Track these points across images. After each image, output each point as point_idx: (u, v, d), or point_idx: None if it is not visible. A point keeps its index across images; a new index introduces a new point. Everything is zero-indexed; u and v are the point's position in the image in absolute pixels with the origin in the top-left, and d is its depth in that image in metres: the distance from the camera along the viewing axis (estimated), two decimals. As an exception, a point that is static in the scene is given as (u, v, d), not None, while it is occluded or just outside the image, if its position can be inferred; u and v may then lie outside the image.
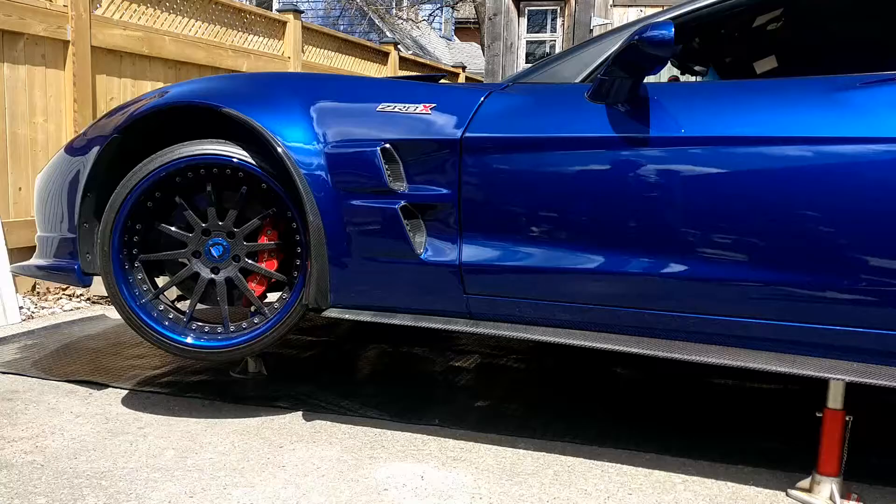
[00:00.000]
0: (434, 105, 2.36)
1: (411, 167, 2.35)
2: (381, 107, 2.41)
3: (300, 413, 2.66)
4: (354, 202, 2.37)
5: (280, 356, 3.35)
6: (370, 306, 2.44)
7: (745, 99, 2.19)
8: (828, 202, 2.01)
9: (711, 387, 3.14)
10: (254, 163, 2.47)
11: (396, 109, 2.39)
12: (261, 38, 6.60)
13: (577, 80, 2.38)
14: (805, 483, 2.17)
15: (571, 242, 2.23)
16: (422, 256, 2.33)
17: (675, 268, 2.14)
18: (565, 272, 2.24)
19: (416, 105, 2.37)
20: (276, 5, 17.34)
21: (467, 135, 2.29)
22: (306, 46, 7.44)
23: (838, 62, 2.95)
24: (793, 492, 2.16)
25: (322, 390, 2.90)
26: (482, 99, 2.36)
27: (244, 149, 2.49)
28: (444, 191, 2.32)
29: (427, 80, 2.82)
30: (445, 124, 2.32)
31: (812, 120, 2.05)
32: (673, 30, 1.98)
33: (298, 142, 2.40)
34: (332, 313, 2.44)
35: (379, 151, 2.33)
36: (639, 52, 2.03)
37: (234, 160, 2.48)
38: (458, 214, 2.31)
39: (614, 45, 2.28)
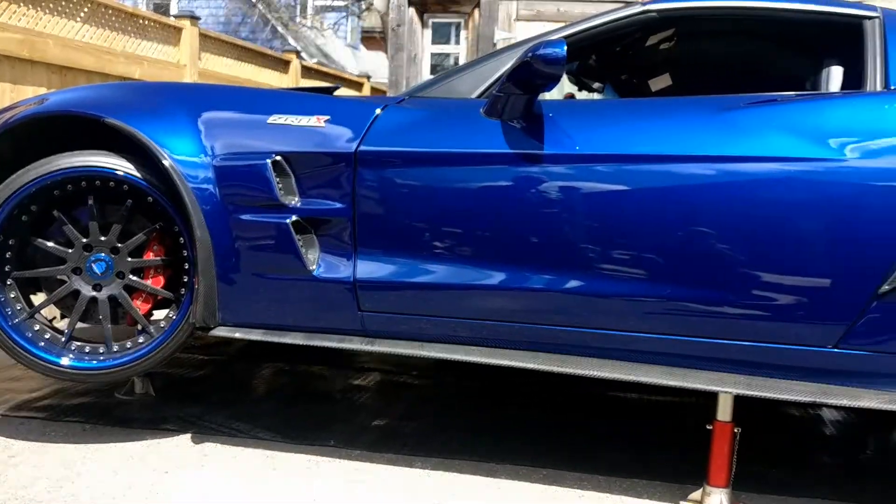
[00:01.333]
0: (328, 118, 2.31)
1: (304, 181, 2.29)
2: (272, 118, 2.34)
3: (189, 436, 2.55)
4: (244, 217, 2.29)
5: (169, 376, 3.21)
6: (261, 324, 2.36)
7: (638, 117, 2.23)
8: (713, 219, 2.06)
9: (612, 401, 3.18)
10: (139, 175, 2.36)
11: (288, 121, 2.32)
12: (155, 45, 6.38)
13: (474, 96, 2.37)
14: (696, 495, 2.21)
15: (469, 258, 2.21)
16: (314, 273, 2.27)
17: (571, 283, 2.16)
18: (463, 288, 2.22)
19: (310, 117, 2.31)
20: (173, 10, 16.87)
21: (362, 148, 2.25)
22: (204, 54, 7.24)
23: (728, 81, 3.05)
24: (684, 504, 2.20)
25: (213, 411, 2.79)
26: (378, 112, 2.33)
27: (129, 161, 2.37)
28: (339, 205, 2.27)
29: (322, 91, 2.76)
30: (339, 137, 2.28)
31: (700, 139, 2.10)
32: (565, 48, 2.00)
33: (186, 154, 2.30)
34: (221, 332, 2.35)
35: (270, 164, 2.26)
36: (532, 70, 2.04)
37: (119, 173, 2.36)
38: (352, 229, 2.26)
39: (510, 62, 2.28)
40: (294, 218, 2.26)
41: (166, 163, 2.28)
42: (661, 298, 2.13)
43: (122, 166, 2.36)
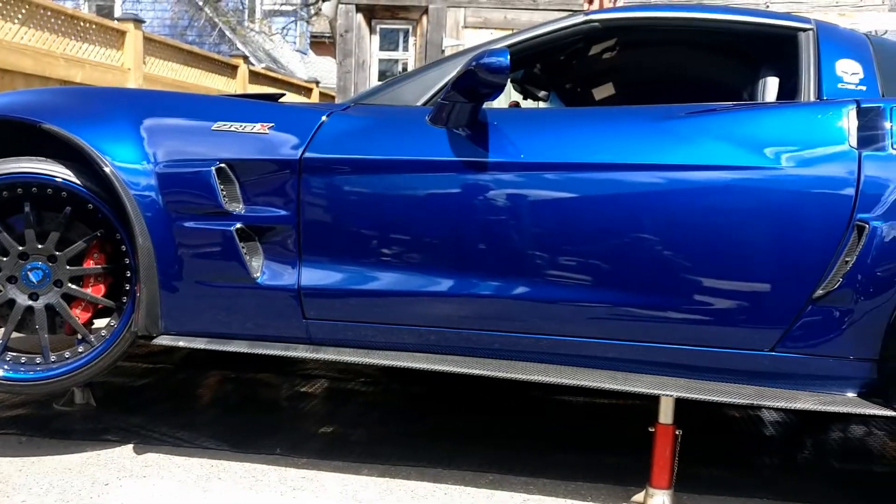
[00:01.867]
0: (272, 125, 2.30)
1: (248, 188, 2.28)
2: (216, 125, 2.32)
3: (131, 446, 2.51)
4: (187, 224, 2.26)
5: (111, 385, 3.15)
6: (205, 332, 2.33)
7: (581, 126, 2.27)
8: (654, 226, 2.11)
9: (560, 405, 3.21)
10: (79, 182, 2.32)
11: (233, 128, 2.31)
12: (97, 48, 6.27)
13: (419, 103, 2.38)
14: (639, 497, 2.24)
15: (415, 265, 2.22)
16: (259, 280, 2.26)
17: (516, 290, 2.18)
18: (410, 295, 2.23)
19: (254, 124, 2.30)
20: (117, 13, 16.57)
21: (307, 155, 2.24)
22: (148, 58, 7.13)
23: (670, 91, 3.11)
24: (627, 506, 2.24)
25: (156, 421, 2.74)
26: (323, 119, 2.32)
27: (68, 167, 2.33)
28: (283, 212, 2.26)
29: (267, 98, 2.75)
30: (284, 144, 2.27)
31: (640, 147, 2.15)
32: (508, 57, 2.02)
33: (128, 161, 2.27)
34: (164, 340, 2.32)
35: (213, 171, 2.24)
36: (476, 78, 2.06)
37: (57, 179, 2.32)
38: (297, 237, 2.25)
39: (455, 70, 2.29)
40: (238, 225, 2.25)
41: (107, 169, 2.24)
42: (606, 304, 2.17)
43: (60, 173, 2.32)
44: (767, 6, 8.38)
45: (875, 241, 2.00)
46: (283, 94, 2.94)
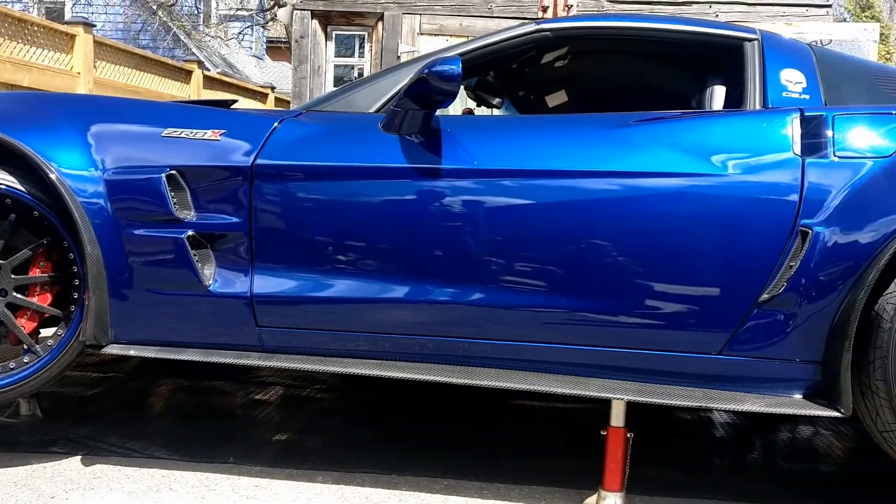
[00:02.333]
0: (224, 131, 2.29)
1: (200, 195, 2.26)
2: (167, 132, 2.30)
3: (78, 458, 2.46)
4: (137, 231, 2.24)
5: (60, 395, 3.09)
6: (156, 341, 2.31)
7: (532, 133, 2.29)
8: (603, 232, 2.14)
9: (515, 409, 3.23)
10: (23, 189, 2.28)
11: (183, 135, 2.29)
12: (46, 52, 6.15)
13: (372, 110, 2.38)
14: (592, 500, 2.26)
15: (368, 272, 2.22)
16: (210, 288, 2.24)
17: (470, 296, 2.19)
18: (363, 302, 2.23)
19: (205, 131, 2.28)
20: (68, 16, 16.27)
21: (258, 162, 2.23)
22: (99, 62, 7.02)
23: (621, 99, 3.15)
24: (580, 509, 2.26)
25: (106, 431, 2.70)
26: (275, 125, 2.31)
27: (12, 174, 2.29)
28: (235, 219, 2.24)
29: (219, 104, 2.73)
30: (235, 151, 2.26)
31: (591, 154, 2.18)
32: (460, 65, 2.04)
33: (74, 168, 2.24)
34: (114, 349, 2.28)
35: (164, 178, 2.22)
36: (428, 86, 2.07)
37: (1, 186, 2.27)
38: (249, 244, 2.24)
39: (407, 77, 2.30)
40: (190, 233, 2.23)
41: (53, 176, 2.21)
42: (559, 309, 2.19)
43: (4, 180, 2.28)
44: (717, 15, 8.54)
45: (818, 246, 2.06)
46: (235, 101, 2.92)
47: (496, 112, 3.44)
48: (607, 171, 2.15)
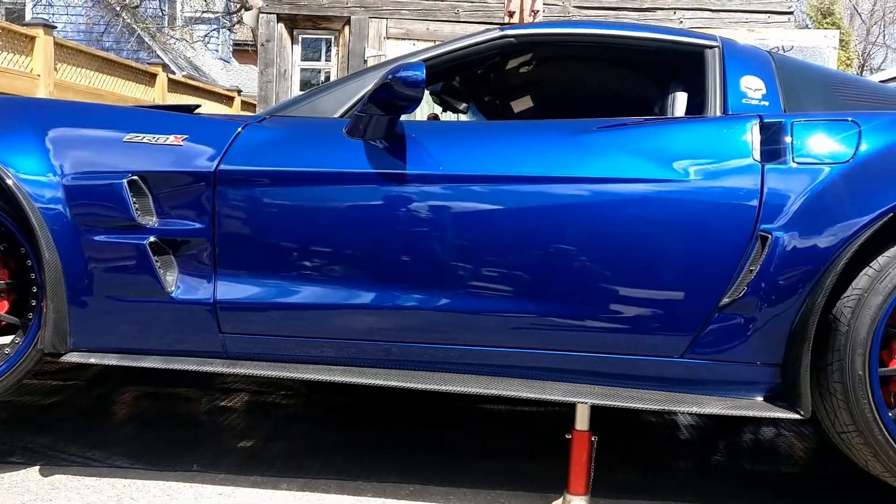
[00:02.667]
0: (187, 136, 2.27)
1: (162, 201, 2.24)
2: (128, 137, 2.27)
3: (37, 468, 2.42)
4: (98, 237, 2.21)
5: (18, 405, 3.04)
6: (117, 348, 2.28)
7: (497, 139, 2.30)
8: (568, 238, 2.15)
9: (482, 413, 3.23)
10: (-21, 195, 2.23)
11: (145, 140, 2.26)
12: (5, 54, 6.05)
13: (336, 115, 2.38)
14: (558, 503, 2.27)
15: (332, 278, 2.21)
16: (173, 294, 2.22)
17: (433, 301, 2.19)
18: (328, 308, 2.22)
19: (167, 136, 2.26)
20: (28, 17, 16.01)
21: (222, 167, 2.21)
22: (60, 64, 6.92)
23: (586, 105, 3.18)
24: (545, 513, 2.27)
25: (66, 440, 2.65)
26: (239, 130, 2.30)
27: (-33, 180, 2.24)
28: (198, 225, 2.22)
29: (182, 109, 2.70)
30: (198, 156, 2.24)
31: (555, 161, 2.19)
32: (424, 71, 2.04)
33: (32, 173, 2.21)
34: (73, 357, 2.25)
35: (125, 184, 2.20)
36: (392, 91, 2.07)
37: (-44, 192, 2.23)
38: (212, 250, 2.22)
39: (372, 82, 2.30)
40: (152, 239, 2.21)
41: (9, 181, 2.17)
42: (524, 314, 2.20)
43: (-41, 186, 2.23)
44: (681, 21, 8.65)
45: (777, 250, 2.09)
46: (198, 106, 2.90)
47: (462, 117, 3.45)
48: (571, 177, 2.16)
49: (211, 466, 2.48)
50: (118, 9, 17.74)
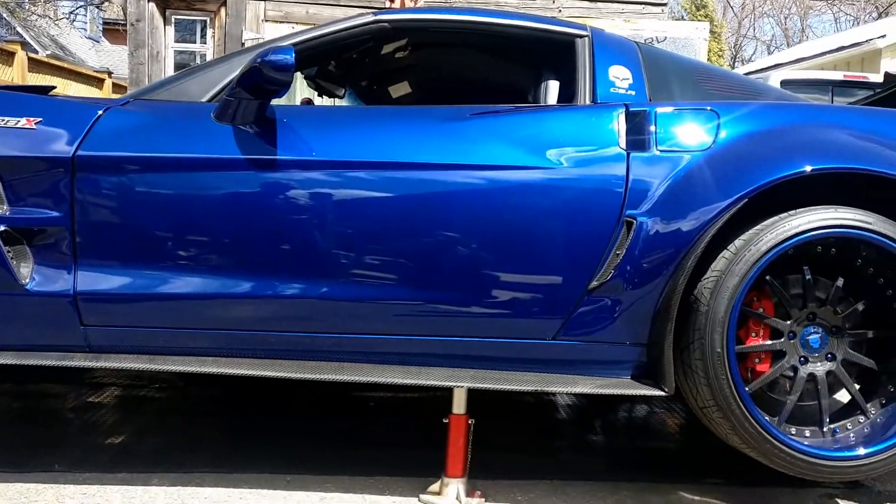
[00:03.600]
0: (40, 119, 2.14)
1: (14, 188, 2.11)
2: None
3: None
4: (-59, 227, 2.06)
5: None
6: (-34, 345, 2.14)
7: (372, 125, 2.29)
8: (441, 224, 2.16)
9: (361, 401, 3.23)
10: None
11: None
12: None
13: (205, 99, 2.30)
14: (435, 486, 2.30)
15: (202, 267, 2.15)
16: (28, 287, 2.10)
17: (299, 289, 2.17)
18: (198, 298, 2.16)
19: (18, 118, 2.13)
20: None
21: (80, 153, 2.11)
22: None
23: (463, 91, 3.20)
24: (423, 496, 2.28)
25: (-86, 444, 2.49)
26: (99, 114, 2.19)
27: None
28: (55, 214, 2.11)
29: (35, 90, 2.55)
30: (54, 141, 2.12)
31: (428, 147, 2.20)
32: (293, 55, 2.00)
33: None
34: (-81, 355, 2.10)
35: (-29, 170, 2.06)
36: (261, 75, 2.03)
37: None
38: (71, 239, 2.12)
39: (241, 66, 2.24)
40: (2, 228, 2.08)
41: None
42: (401, 301, 2.21)
43: None
44: (560, 11, 8.84)
45: (641, 235, 2.16)
46: (53, 87, 2.74)
47: (340, 102, 3.41)
48: (444, 164, 2.17)
49: (76, 466, 2.37)
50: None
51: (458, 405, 2.28)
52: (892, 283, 2.21)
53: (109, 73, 12.36)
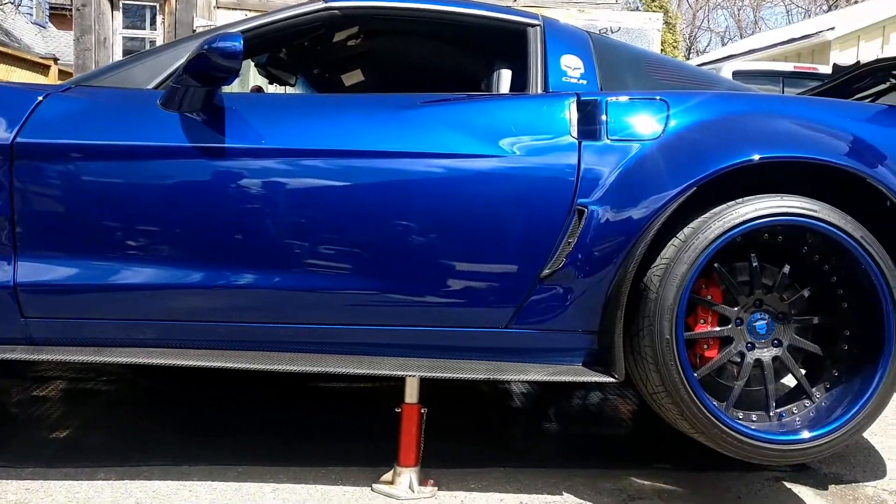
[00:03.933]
0: (-25, 105, 2.08)
1: (-51, 177, 2.04)
2: None
3: None
4: None
5: None
6: None
7: (322, 113, 2.26)
8: (392, 213, 2.15)
9: (315, 392, 3.20)
10: None
11: None
12: None
13: (151, 86, 2.26)
14: (388, 476, 2.29)
15: (149, 257, 2.11)
16: (-35, 278, 2.04)
17: (252, 279, 2.14)
18: (144, 289, 2.12)
19: (-49, 105, 2.06)
20: None
21: (20, 140, 2.05)
22: None
23: (416, 80, 3.18)
24: (377, 486, 2.27)
25: None
26: (39, 100, 2.13)
27: None
28: (-6, 203, 2.05)
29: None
30: None
31: (378, 135, 2.18)
32: (241, 42, 1.97)
33: None
34: None
35: None
36: (208, 62, 1.99)
37: None
38: (11, 229, 2.06)
39: (188, 53, 2.19)
40: (-62, 218, 2.01)
41: None
42: (353, 291, 2.19)
43: None
44: (515, 0, 8.85)
45: (592, 223, 2.18)
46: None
47: (290, 90, 3.37)
48: (394, 152, 2.16)
49: (18, 462, 2.32)
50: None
51: (411, 394, 2.28)
52: (837, 270, 2.26)
53: (55, 60, 12.05)
